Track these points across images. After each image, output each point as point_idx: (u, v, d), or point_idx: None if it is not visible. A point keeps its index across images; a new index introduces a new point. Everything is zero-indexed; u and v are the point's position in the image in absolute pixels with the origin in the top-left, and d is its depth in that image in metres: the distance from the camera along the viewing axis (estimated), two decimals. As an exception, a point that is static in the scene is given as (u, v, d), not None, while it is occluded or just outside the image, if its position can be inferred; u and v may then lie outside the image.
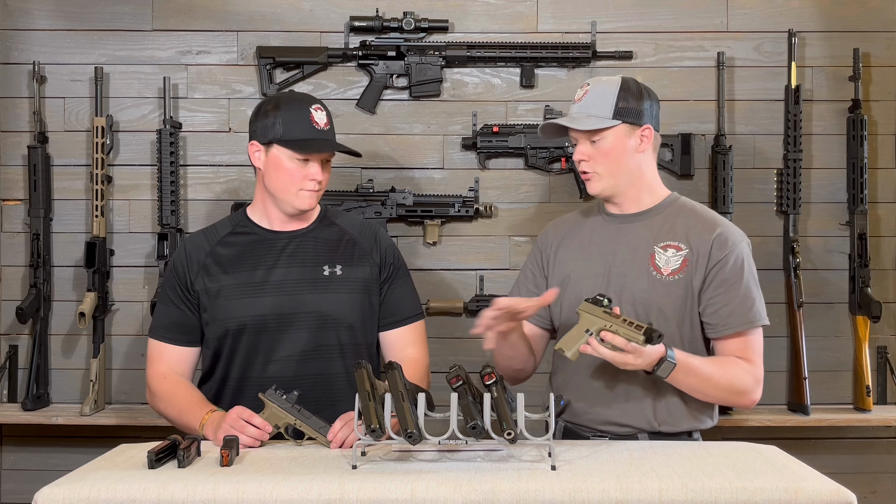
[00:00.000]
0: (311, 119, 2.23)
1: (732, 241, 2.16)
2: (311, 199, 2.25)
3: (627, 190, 2.20)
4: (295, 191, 2.24)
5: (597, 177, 2.18)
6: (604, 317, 1.96)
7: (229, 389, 2.27)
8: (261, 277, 2.26)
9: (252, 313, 2.24)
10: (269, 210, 2.30)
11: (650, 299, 2.14)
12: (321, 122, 2.24)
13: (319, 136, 2.24)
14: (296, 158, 2.22)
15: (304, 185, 2.23)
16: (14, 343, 3.02)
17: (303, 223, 2.32)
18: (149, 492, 1.65)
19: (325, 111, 2.27)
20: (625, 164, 2.17)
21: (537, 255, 2.34)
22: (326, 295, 2.26)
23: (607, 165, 2.16)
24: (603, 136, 2.15)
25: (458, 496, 1.65)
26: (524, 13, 3.01)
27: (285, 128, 2.22)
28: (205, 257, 2.29)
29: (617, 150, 2.16)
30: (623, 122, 2.15)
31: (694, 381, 2.07)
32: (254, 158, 2.28)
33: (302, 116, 2.23)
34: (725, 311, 2.13)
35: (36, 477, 2.63)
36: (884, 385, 3.00)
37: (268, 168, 2.25)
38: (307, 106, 2.25)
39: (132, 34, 3.01)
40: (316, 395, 2.16)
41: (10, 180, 3.02)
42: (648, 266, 2.16)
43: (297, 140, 2.22)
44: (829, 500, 1.64)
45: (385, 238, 2.40)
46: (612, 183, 2.18)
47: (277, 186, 2.25)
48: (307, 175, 2.23)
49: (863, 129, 2.91)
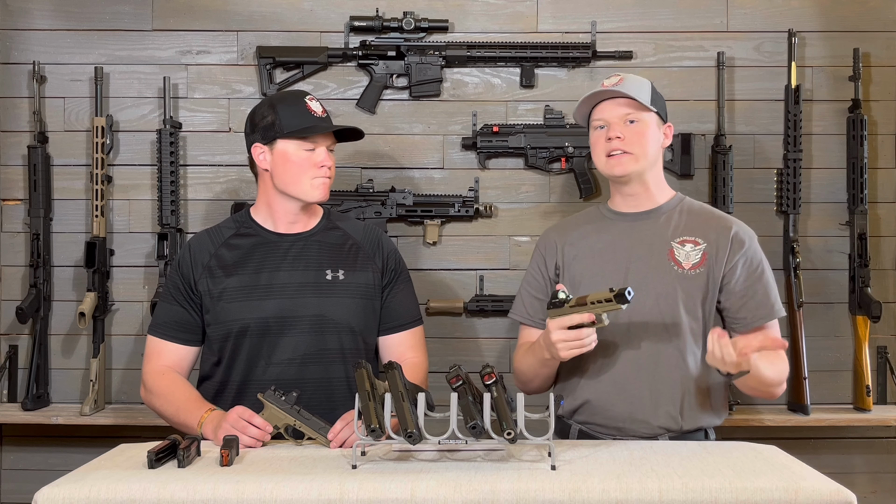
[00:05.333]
0: (308, 108, 2.27)
1: (749, 237, 2.22)
2: (323, 188, 2.27)
3: (647, 180, 2.24)
4: (308, 180, 2.25)
5: (630, 157, 2.19)
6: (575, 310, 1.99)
7: (230, 391, 2.27)
8: (264, 280, 2.26)
9: (254, 316, 2.24)
10: (273, 212, 2.31)
11: (674, 293, 2.15)
12: (318, 111, 2.28)
13: (319, 121, 2.27)
14: (302, 148, 2.25)
15: (315, 174, 2.25)
16: (14, 343, 3.02)
17: (306, 226, 2.33)
18: (149, 492, 1.65)
19: (318, 101, 2.31)
20: (652, 152, 2.22)
21: (541, 262, 2.33)
22: (328, 299, 2.27)
23: (642, 147, 2.19)
24: (642, 117, 2.20)
25: (458, 496, 1.65)
26: (524, 13, 3.01)
27: (285, 121, 2.25)
28: (209, 259, 2.30)
29: (650, 134, 2.21)
30: (657, 113, 2.22)
31: (754, 382, 2.08)
32: (259, 161, 2.29)
33: (299, 108, 2.26)
34: (753, 304, 2.17)
35: (36, 477, 2.64)
36: (884, 385, 3.00)
37: (276, 166, 2.26)
38: (301, 98, 2.29)
39: (132, 34, 3.01)
40: (318, 399, 2.16)
41: (10, 180, 3.02)
42: (668, 261, 2.18)
43: (299, 129, 2.25)
44: (829, 500, 1.64)
45: (388, 243, 2.40)
46: (641, 167, 2.21)
47: (288, 181, 2.26)
48: (316, 162, 2.25)
49: (863, 129, 2.91)
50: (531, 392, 2.31)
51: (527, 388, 2.29)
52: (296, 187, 2.26)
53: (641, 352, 2.15)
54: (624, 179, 2.22)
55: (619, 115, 2.20)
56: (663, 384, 2.15)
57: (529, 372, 2.26)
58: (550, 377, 2.27)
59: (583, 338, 2.01)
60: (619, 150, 2.19)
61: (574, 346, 2.02)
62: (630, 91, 2.19)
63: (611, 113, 2.21)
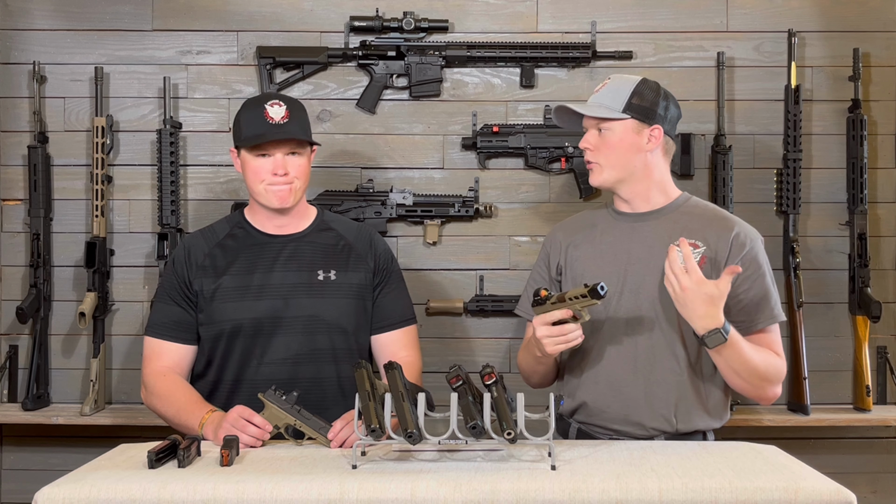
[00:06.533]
0: (265, 115, 2.26)
1: (751, 239, 2.18)
2: (280, 195, 2.27)
3: (634, 186, 2.21)
4: (263, 188, 2.27)
5: (598, 168, 2.20)
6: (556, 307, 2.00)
7: (223, 391, 2.28)
8: (256, 280, 2.28)
9: (247, 316, 2.25)
10: (261, 216, 2.34)
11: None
12: (276, 117, 2.26)
13: (271, 129, 2.25)
14: (255, 155, 2.26)
15: (269, 180, 2.26)
16: (14, 343, 3.01)
17: (297, 227, 2.35)
18: (149, 492, 1.65)
19: (283, 106, 2.28)
20: (629, 160, 2.18)
21: (546, 260, 2.34)
22: (320, 299, 2.28)
23: (610, 157, 2.18)
24: (610, 126, 2.17)
25: (458, 496, 1.65)
26: (524, 13, 3.01)
27: (244, 129, 2.28)
28: (203, 258, 2.31)
29: (622, 143, 2.17)
30: (632, 118, 2.17)
31: (736, 360, 2.06)
32: (236, 166, 2.35)
33: (257, 114, 2.27)
34: (751, 307, 2.15)
35: (36, 477, 2.63)
36: (884, 385, 3.00)
37: (243, 171, 2.31)
38: (263, 103, 2.28)
39: (132, 34, 3.01)
40: (310, 398, 2.15)
41: (10, 180, 3.02)
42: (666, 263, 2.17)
43: (250, 137, 2.26)
44: (829, 500, 1.64)
45: (380, 243, 2.41)
46: (614, 176, 2.19)
47: (249, 187, 2.30)
48: (268, 169, 2.26)
49: (863, 129, 2.91)
50: (533, 386, 2.34)
51: (528, 382, 2.34)
52: (255, 194, 2.30)
53: (637, 354, 2.15)
54: (602, 188, 2.23)
55: (591, 123, 2.20)
56: (658, 386, 2.14)
57: (528, 368, 2.29)
58: (548, 374, 2.28)
59: (566, 333, 2.01)
60: (588, 160, 2.21)
61: (559, 342, 2.02)
62: (603, 99, 2.18)
63: (587, 122, 2.22)
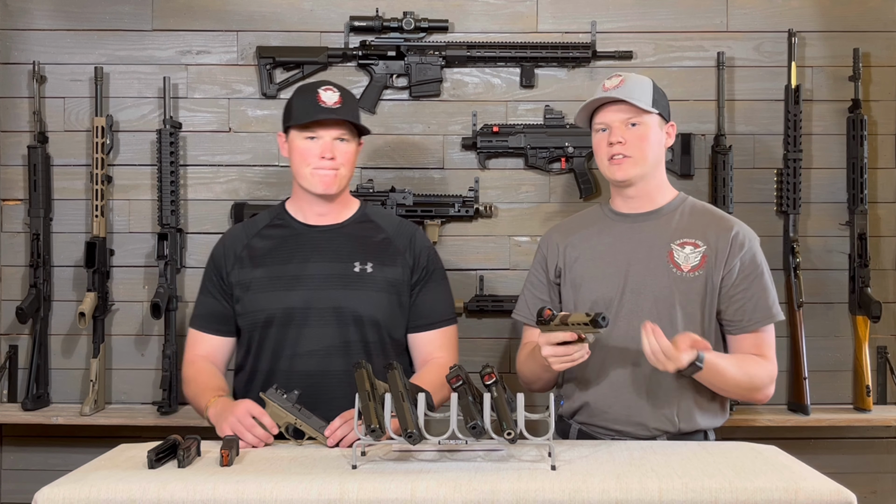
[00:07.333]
0: (318, 98, 2.27)
1: (750, 239, 2.21)
2: (326, 180, 2.27)
3: (649, 182, 2.23)
4: (309, 171, 2.27)
5: (630, 161, 2.19)
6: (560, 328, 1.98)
7: (258, 382, 2.28)
8: (292, 271, 2.28)
9: (280, 306, 2.26)
10: (303, 203, 2.34)
11: (672, 296, 2.15)
12: (329, 101, 2.27)
13: (323, 112, 2.26)
14: (304, 137, 2.27)
15: (316, 164, 2.26)
16: (14, 343, 3.02)
17: (338, 218, 2.35)
18: (149, 492, 1.65)
19: (337, 92, 2.30)
20: (654, 155, 2.21)
21: (543, 263, 2.34)
22: (354, 291, 2.27)
23: (642, 150, 2.19)
24: (643, 120, 2.19)
25: (458, 496, 1.65)
26: (524, 13, 3.01)
27: (297, 112, 2.29)
28: (241, 249, 2.33)
29: (652, 137, 2.20)
30: (659, 114, 2.21)
31: (718, 380, 2.10)
32: (283, 150, 2.35)
33: (309, 97, 2.29)
34: (749, 307, 2.16)
35: (36, 477, 2.63)
36: (884, 385, 3.00)
37: (290, 154, 2.32)
38: (317, 88, 2.30)
39: (132, 34, 3.01)
40: (342, 391, 2.14)
41: (10, 180, 3.02)
42: (668, 263, 2.17)
43: (301, 116, 2.27)
44: (829, 500, 1.64)
45: (422, 240, 2.39)
46: (643, 171, 2.21)
47: (295, 170, 2.31)
48: (316, 153, 2.26)
49: (863, 129, 2.91)
50: (535, 391, 2.33)
51: (531, 388, 2.31)
52: (300, 178, 2.30)
53: (639, 354, 2.15)
54: (626, 183, 2.22)
55: (620, 118, 2.20)
56: (660, 387, 2.15)
57: (532, 375, 2.27)
58: (553, 380, 2.28)
59: (571, 353, 2.01)
60: (621, 154, 2.19)
61: (565, 361, 2.03)
62: (632, 93, 2.18)
63: (612, 116, 2.21)
